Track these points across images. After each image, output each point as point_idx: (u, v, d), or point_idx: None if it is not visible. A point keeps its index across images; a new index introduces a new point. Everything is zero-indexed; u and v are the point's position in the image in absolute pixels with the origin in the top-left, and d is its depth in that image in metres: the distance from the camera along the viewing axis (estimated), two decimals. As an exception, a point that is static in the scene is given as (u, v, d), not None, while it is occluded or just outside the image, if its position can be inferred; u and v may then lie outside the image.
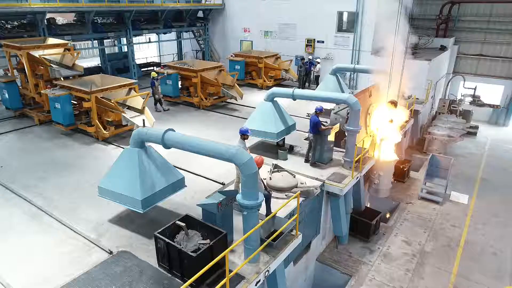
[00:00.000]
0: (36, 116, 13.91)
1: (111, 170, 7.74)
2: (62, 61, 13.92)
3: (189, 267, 6.05)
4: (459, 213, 13.46)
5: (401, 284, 9.99)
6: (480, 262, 10.97)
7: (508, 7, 22.06)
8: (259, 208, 6.40)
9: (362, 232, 11.65)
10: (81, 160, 11.12)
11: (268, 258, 6.88)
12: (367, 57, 19.30)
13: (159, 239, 6.34)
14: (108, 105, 12.07)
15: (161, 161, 7.76)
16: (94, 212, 8.32)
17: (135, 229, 7.73)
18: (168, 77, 16.03)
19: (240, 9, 23.45)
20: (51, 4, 15.35)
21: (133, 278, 6.38)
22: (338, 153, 11.30)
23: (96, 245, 7.21)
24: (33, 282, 6.25)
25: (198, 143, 6.59)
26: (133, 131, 7.55)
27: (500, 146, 20.15)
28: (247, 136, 7.94)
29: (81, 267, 6.60)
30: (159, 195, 7.45)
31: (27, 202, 8.75)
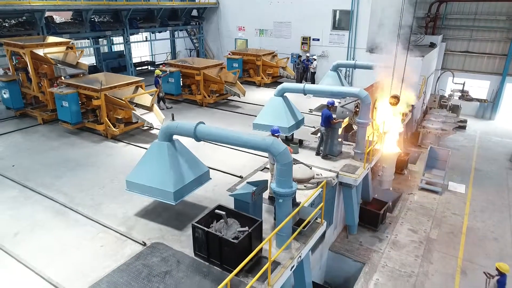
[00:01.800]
0: (40, 116, 13.74)
1: (139, 164, 7.83)
2: (65, 59, 13.79)
3: (229, 255, 6.24)
4: (458, 202, 14.07)
5: (412, 269, 10.44)
6: (482, 247, 11.55)
7: (492, 6, 23.03)
8: (294, 196, 6.65)
9: (371, 221, 12.05)
10: (93, 158, 11.10)
11: (299, 245, 7.15)
12: (362, 54, 19.81)
13: (197, 229, 6.51)
14: (118, 103, 12.07)
15: (188, 154, 7.92)
16: (119, 207, 8.38)
17: (163, 221, 7.84)
18: (170, 75, 16.08)
19: (235, 8, 23.62)
20: (50, 2, 15.17)
21: (172, 267, 6.52)
22: (346, 146, 11.66)
23: (129, 238, 7.31)
24: (73, 275, 6.31)
25: (233, 135, 6.79)
26: (162, 125, 7.66)
27: (489, 139, 21.04)
28: (278, 136, 8.05)
29: (117, 259, 6.71)
30: (189, 187, 7.61)
31: (48, 199, 8.73)
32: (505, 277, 8.12)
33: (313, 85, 13.65)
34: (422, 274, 10.30)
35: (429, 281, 10.01)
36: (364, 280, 10.06)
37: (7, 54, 13.82)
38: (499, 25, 23.17)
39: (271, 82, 20.13)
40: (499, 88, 23.77)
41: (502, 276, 8.13)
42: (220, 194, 8.92)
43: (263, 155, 11.16)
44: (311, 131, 13.27)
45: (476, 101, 23.46)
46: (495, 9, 22.97)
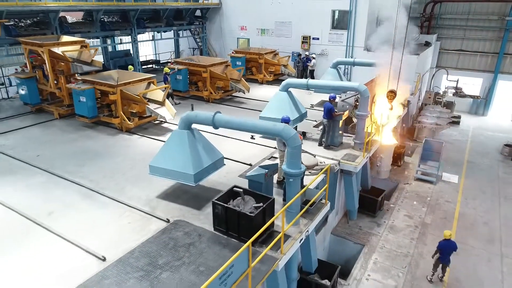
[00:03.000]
0: (56, 110, 14.50)
1: (161, 151, 8.63)
2: (79, 57, 14.54)
3: (246, 227, 7.06)
4: (451, 190, 14.97)
5: (408, 250, 11.31)
6: (473, 230, 12.44)
7: (484, 6, 23.99)
8: (302, 176, 7.49)
9: (369, 208, 12.91)
10: (111, 149, 11.89)
11: (306, 221, 7.99)
12: (360, 52, 20.68)
13: (217, 205, 7.32)
14: (132, 98, 12.86)
15: (205, 141, 8.74)
16: (141, 191, 9.18)
17: (182, 203, 8.65)
18: (178, 72, 16.87)
19: (237, 8, 24.44)
20: (64, 3, 15.93)
21: (194, 240, 7.35)
22: (346, 137, 12.51)
23: (153, 216, 8.11)
24: (108, 245, 7.10)
25: (248, 122, 7.61)
26: (182, 115, 8.47)
27: (482, 133, 21.99)
28: (288, 123, 8.82)
29: (145, 234, 7.51)
30: (207, 170, 8.43)
31: (75, 184, 9.51)
32: (446, 241, 9.66)
33: (316, 80, 14.48)
34: (417, 254, 11.17)
35: (424, 261, 10.88)
36: (364, 260, 10.92)
37: (25, 52, 14.55)
38: (491, 24, 24.13)
39: (273, 79, 20.96)
40: (491, 85, 24.73)
41: (444, 241, 9.69)
42: (232, 179, 9.71)
43: (269, 145, 12.02)
44: (313, 124, 14.08)
45: (469, 98, 24.40)
46: (487, 9, 23.92)
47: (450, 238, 9.64)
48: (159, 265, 6.63)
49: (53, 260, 6.73)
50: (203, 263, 6.70)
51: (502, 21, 23.70)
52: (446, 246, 9.69)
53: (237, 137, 12.47)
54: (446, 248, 9.70)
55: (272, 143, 12.15)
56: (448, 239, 9.67)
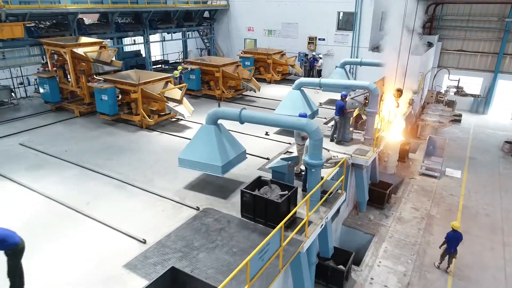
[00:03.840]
0: (77, 109, 15.12)
1: (189, 144, 9.29)
2: (99, 57, 15.17)
3: (272, 213, 7.73)
4: (454, 185, 15.66)
5: (416, 239, 11.98)
6: (476, 221, 13.13)
7: (484, 8, 24.74)
8: (322, 167, 8.15)
9: (378, 200, 13.57)
10: (134, 144, 12.53)
11: (326, 209, 8.66)
12: (365, 52, 21.36)
13: (245, 193, 7.98)
14: (153, 96, 13.51)
15: (230, 135, 9.40)
16: (168, 183, 9.82)
17: (209, 193, 9.30)
18: (191, 72, 17.52)
19: (244, 9, 25.10)
20: (83, 6, 16.55)
21: (224, 225, 8.01)
22: (355, 134, 13.17)
23: (184, 205, 8.76)
24: (145, 230, 7.74)
25: (273, 117, 8.28)
26: (210, 111, 9.12)
27: (482, 131, 22.71)
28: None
29: (177, 220, 8.17)
30: (232, 162, 9.09)
31: (106, 176, 10.15)
32: (454, 232, 10.27)
33: (328, 79, 15.10)
34: (424, 243, 11.85)
35: (430, 249, 11.56)
36: (374, 248, 11.59)
37: (47, 53, 15.18)
38: (491, 25, 24.87)
39: (281, 79, 21.61)
40: (491, 85, 25.47)
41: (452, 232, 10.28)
42: (252, 172, 10.35)
43: (283, 141, 12.69)
44: (323, 121, 14.76)
45: (470, 97, 25.14)
46: (487, 11, 24.67)
47: (458, 229, 10.26)
48: (195, 247, 7.29)
49: (99, 243, 7.38)
50: (235, 245, 7.36)
51: (502, 23, 24.43)
52: (454, 237, 10.32)
53: (252, 134, 13.10)
54: (454, 239, 10.32)
55: (285, 139, 12.83)
56: (456, 230, 10.29)
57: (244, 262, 5.49)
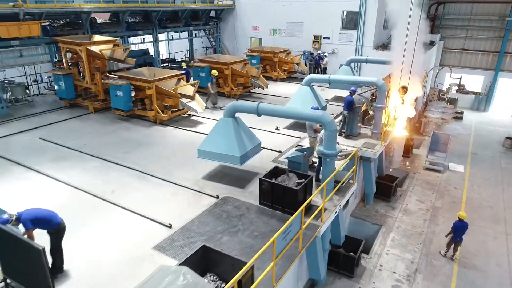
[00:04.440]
0: (91, 105, 15.57)
1: (208, 136, 9.75)
2: (113, 55, 15.62)
3: (290, 200, 8.19)
4: (458, 178, 16.14)
5: (422, 229, 12.46)
6: (479, 212, 13.60)
7: (485, 7, 25.23)
8: (337, 157, 8.62)
9: (385, 193, 14.04)
10: (150, 139, 12.99)
11: (339, 197, 9.13)
12: (369, 51, 21.84)
13: (264, 182, 8.45)
14: (167, 92, 13.96)
15: (246, 128, 9.86)
16: (187, 174, 10.27)
17: (226, 183, 9.76)
18: (201, 69, 17.96)
19: (250, 9, 25.56)
20: (96, 5, 17.01)
21: (244, 212, 8.47)
22: (363, 128, 13.63)
23: (204, 193, 9.22)
24: (170, 216, 8.19)
25: (289, 110, 8.76)
26: (228, 104, 9.58)
27: (484, 128, 23.20)
28: None
29: (199, 207, 8.63)
30: (249, 154, 9.55)
31: (126, 168, 10.60)
32: (460, 222, 10.72)
33: (338, 76, 15.46)
34: (430, 233, 12.32)
35: (436, 238, 12.03)
36: (382, 238, 12.06)
37: (62, 51, 15.62)
38: (492, 24, 25.35)
39: (286, 77, 22.06)
40: (492, 83, 25.95)
41: (459, 221, 10.74)
42: (266, 164, 10.78)
43: (293, 135, 13.14)
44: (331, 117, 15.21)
45: (472, 94, 25.62)
46: (488, 10, 25.15)
47: (464, 219, 10.71)
48: (218, 231, 7.75)
49: (128, 228, 7.84)
50: (256, 230, 7.83)
51: (503, 21, 24.92)
52: (460, 226, 10.78)
53: (263, 128, 13.54)
54: (460, 228, 10.78)
55: (295, 134, 13.29)
56: (462, 220, 10.74)
57: (271, 240, 5.96)
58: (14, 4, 13.75)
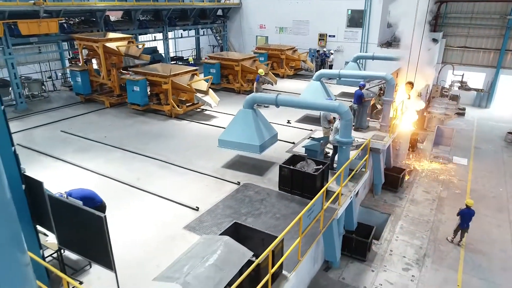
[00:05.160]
0: (107, 100, 16.07)
1: (228, 127, 10.26)
2: (128, 52, 16.11)
3: (309, 185, 8.70)
4: (462, 171, 16.67)
5: (429, 218, 12.99)
6: (484, 202, 14.13)
7: (487, 6, 25.77)
8: (352, 145, 9.14)
9: (392, 184, 14.56)
10: (167, 132, 13.48)
11: (353, 184, 9.66)
12: (374, 48, 22.36)
13: (283, 168, 8.96)
14: (182, 87, 14.46)
15: (264, 119, 10.37)
16: (206, 163, 10.78)
17: (245, 171, 10.27)
18: (212, 66, 18.47)
19: (256, 8, 26.08)
20: (110, 3, 17.51)
21: (264, 197, 8.99)
22: (371, 122, 14.15)
23: (225, 180, 9.74)
24: (195, 200, 8.70)
25: (306, 101, 9.27)
26: (247, 96, 10.09)
27: (485, 123, 23.75)
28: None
29: (222, 193, 9.14)
30: (267, 143, 10.06)
31: (148, 157, 11.10)
32: (467, 209, 11.24)
33: (348, 71, 15.98)
34: (437, 221, 12.85)
35: (443, 225, 12.56)
36: (391, 226, 12.58)
37: (79, 47, 16.12)
38: (493, 23, 25.91)
39: (293, 74, 22.56)
40: (494, 80, 26.50)
41: (466, 209, 11.24)
42: (281, 154, 11.28)
43: (304, 128, 13.66)
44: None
45: (473, 91, 26.17)
46: (489, 8, 25.70)
47: (471, 206, 11.23)
48: (242, 213, 8.27)
49: (158, 211, 8.35)
50: (278, 212, 8.35)
51: (504, 20, 25.46)
52: (467, 213, 11.30)
53: (275, 122, 14.03)
54: (467, 215, 11.31)
55: (306, 127, 13.81)
56: (469, 208, 11.27)
57: (298, 217, 6.48)
58: (35, 2, 14.23)
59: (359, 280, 9.99)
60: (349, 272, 10.27)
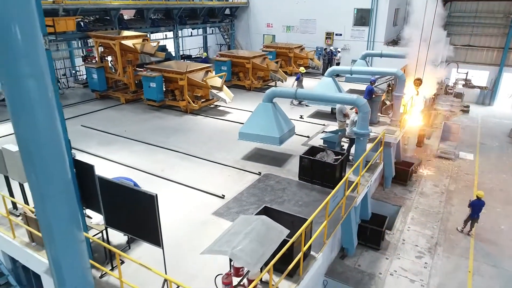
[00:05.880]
0: (123, 96, 16.48)
1: (249, 120, 10.69)
2: (143, 49, 16.50)
3: (329, 174, 9.11)
4: (469, 166, 17.09)
5: (439, 209, 13.39)
6: (492, 195, 14.53)
7: (491, 5, 26.19)
8: (369, 136, 9.56)
9: (401, 177, 14.95)
10: (184, 126, 13.90)
11: (369, 174, 10.07)
12: (380, 46, 22.78)
13: (304, 159, 9.37)
14: (198, 84, 14.87)
15: (282, 112, 10.79)
16: (226, 155, 11.19)
17: (264, 162, 10.69)
18: (223, 63, 18.88)
19: (263, 7, 26.50)
20: (124, 2, 17.93)
21: (286, 186, 9.40)
22: (380, 117, 14.57)
23: (246, 171, 10.15)
24: (220, 189, 9.11)
25: (325, 94, 9.68)
26: (267, 90, 10.51)
27: (490, 120, 24.17)
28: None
29: (244, 183, 9.55)
30: (286, 135, 10.49)
31: (170, 150, 11.52)
32: (478, 200, 11.57)
33: (359, 67, 16.38)
34: (447, 212, 13.26)
35: (452, 217, 12.97)
36: (402, 217, 12.99)
37: (95, 45, 16.52)
38: (497, 22, 26.31)
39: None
40: (497, 78, 26.92)
41: (477, 200, 11.59)
42: (296, 147, 11.71)
43: (316, 123, 14.09)
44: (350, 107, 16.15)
45: (477, 88, 26.57)
46: (493, 8, 26.12)
47: (482, 197, 11.65)
48: (266, 201, 8.67)
49: (186, 198, 8.77)
50: (300, 200, 8.76)
51: (507, 19, 25.88)
52: (478, 204, 11.72)
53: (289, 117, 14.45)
54: (478, 206, 11.72)
55: (317, 121, 14.24)
56: (480, 199, 11.68)
57: (325, 201, 6.90)
58: (54, 0, 14.62)
59: (374, 267, 10.39)
60: (364, 260, 10.67)
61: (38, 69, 4.61)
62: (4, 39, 4.24)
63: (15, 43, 4.31)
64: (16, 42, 4.29)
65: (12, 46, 4.32)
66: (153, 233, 5.36)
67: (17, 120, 4.61)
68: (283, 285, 5.98)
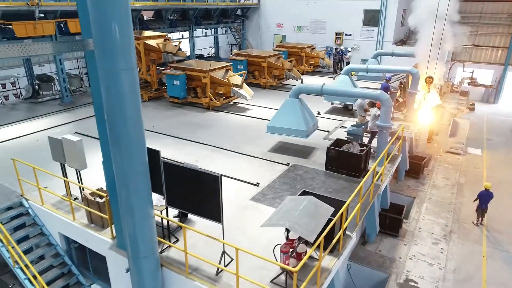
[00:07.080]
0: (145, 94, 17.16)
1: (276, 114, 11.38)
2: (165, 49, 17.20)
3: (355, 164, 9.81)
4: (477, 160, 17.80)
5: (451, 200, 14.11)
6: (500, 187, 15.22)
7: (495, 5, 26.91)
8: (391, 129, 10.26)
9: (414, 171, 15.66)
10: (208, 122, 14.60)
11: (389, 165, 10.78)
12: (389, 46, 23.49)
13: (331, 150, 10.07)
14: (220, 81, 15.57)
15: (307, 107, 11.49)
16: (254, 148, 11.89)
17: (291, 154, 11.39)
18: (240, 62, 19.58)
19: (274, 8, 27.21)
20: (145, 3, 18.63)
21: (314, 175, 10.10)
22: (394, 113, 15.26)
23: (275, 162, 10.85)
24: (254, 177, 9.81)
25: (350, 90, 10.37)
26: (294, 86, 11.21)
27: (495, 118, 24.87)
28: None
29: (274, 172, 10.25)
30: (311, 129, 11.18)
31: (199, 143, 12.22)
32: (486, 191, 12.29)
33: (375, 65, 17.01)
34: (459, 203, 13.97)
35: (464, 207, 13.68)
36: (417, 207, 13.70)
37: (119, 44, 17.16)
38: (501, 22, 27.04)
39: (312, 70, 23.67)
40: (502, 76, 27.63)
41: (485, 191, 12.30)
42: (319, 141, 12.41)
43: (333, 118, 14.79)
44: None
45: (483, 87, 27.30)
46: (497, 8, 26.84)
47: (489, 188, 12.39)
48: (298, 188, 9.37)
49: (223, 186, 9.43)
50: (329, 187, 9.47)
51: (511, 19, 26.61)
52: (485, 195, 12.45)
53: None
54: (485, 197, 12.45)
55: (334, 117, 14.94)
56: (488, 190, 12.42)
57: (360, 185, 7.61)
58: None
59: (394, 252, 11.09)
60: (384, 246, 11.37)
61: (130, 64, 5.36)
62: (105, 37, 4.99)
63: (114, 41, 5.06)
64: (115, 39, 5.04)
65: (111, 43, 5.07)
66: (215, 210, 6.05)
67: (110, 108, 5.34)
68: (325, 260, 6.68)
